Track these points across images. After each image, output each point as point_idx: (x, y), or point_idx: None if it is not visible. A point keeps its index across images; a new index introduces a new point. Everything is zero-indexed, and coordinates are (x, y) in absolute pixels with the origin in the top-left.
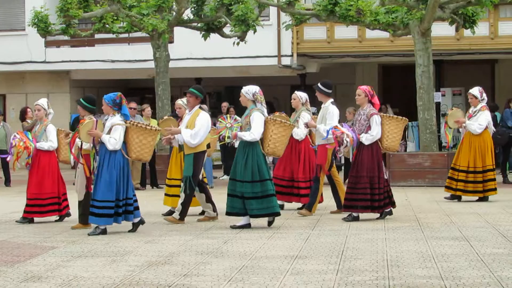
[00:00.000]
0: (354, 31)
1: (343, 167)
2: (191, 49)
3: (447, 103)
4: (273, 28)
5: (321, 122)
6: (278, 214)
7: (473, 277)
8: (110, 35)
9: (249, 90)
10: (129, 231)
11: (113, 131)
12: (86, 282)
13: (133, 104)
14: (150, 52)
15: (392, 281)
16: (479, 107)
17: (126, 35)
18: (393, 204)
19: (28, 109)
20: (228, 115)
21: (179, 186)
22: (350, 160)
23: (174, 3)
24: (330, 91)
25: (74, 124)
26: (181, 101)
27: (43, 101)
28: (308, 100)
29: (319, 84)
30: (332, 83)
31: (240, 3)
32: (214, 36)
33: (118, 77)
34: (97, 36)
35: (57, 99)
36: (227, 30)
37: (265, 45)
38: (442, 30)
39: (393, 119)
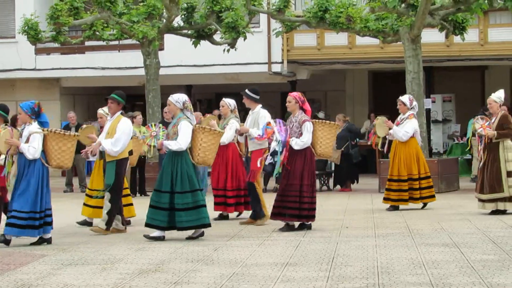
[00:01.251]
0: (344, 38)
1: (332, 174)
2: (181, 56)
3: (437, 109)
4: (263, 35)
5: (253, 127)
6: (207, 225)
7: (463, 283)
8: (100, 42)
9: (180, 99)
10: (32, 243)
11: (31, 139)
12: None
13: None
14: (141, 59)
15: (382, 287)
16: (407, 114)
17: (116, 42)
18: (312, 217)
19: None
20: (153, 123)
21: (102, 197)
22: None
23: (164, 11)
24: (258, 97)
25: None
26: (102, 111)
27: None
28: (236, 107)
29: (247, 90)
30: (259, 90)
31: (230, 10)
32: (204, 43)
33: (108, 84)
34: (87, 43)
35: (47, 107)
36: (217, 37)
37: (255, 52)
38: (432, 36)
39: (325, 124)
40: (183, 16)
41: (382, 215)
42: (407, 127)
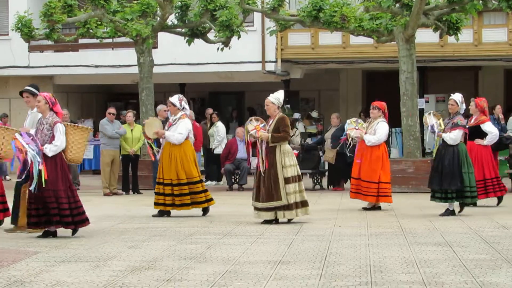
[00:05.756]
0: (339, 37)
1: (326, 173)
2: (175, 54)
3: (430, 109)
4: (257, 34)
5: (32, 127)
6: None
7: (455, 282)
8: (94, 40)
9: None
10: None
11: None
12: (69, 287)
13: (112, 110)
14: (134, 58)
15: (375, 286)
16: (179, 115)
17: (110, 40)
18: (84, 221)
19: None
20: None
21: None
22: None
23: (158, 9)
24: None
25: None
26: None
27: None
28: None
29: (28, 86)
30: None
31: (225, 8)
32: (198, 42)
33: (102, 82)
34: (80, 41)
35: None
36: (211, 35)
37: (249, 51)
38: (426, 36)
39: (77, 128)
40: (177, 15)
41: (375, 214)
42: (180, 128)
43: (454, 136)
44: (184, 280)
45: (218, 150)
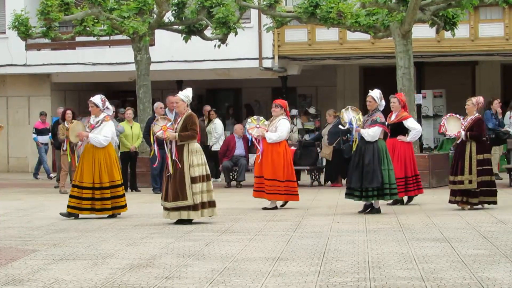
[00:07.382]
0: (335, 33)
1: (323, 169)
2: (172, 51)
3: (428, 105)
4: (254, 31)
5: None
6: None
7: (454, 278)
8: (91, 38)
9: None
10: None
11: None
12: (67, 285)
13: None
14: (131, 55)
15: (373, 282)
16: (101, 116)
17: (107, 38)
18: None
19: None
20: None
21: None
22: None
23: (155, 6)
24: None
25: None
26: None
27: None
28: None
29: None
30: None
31: (221, 5)
32: (195, 39)
33: (99, 80)
34: (78, 39)
35: (38, 102)
36: (208, 32)
37: (246, 48)
38: (422, 32)
39: None
40: (173, 12)
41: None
42: (105, 131)
43: (372, 133)
44: (183, 278)
45: (216, 147)
